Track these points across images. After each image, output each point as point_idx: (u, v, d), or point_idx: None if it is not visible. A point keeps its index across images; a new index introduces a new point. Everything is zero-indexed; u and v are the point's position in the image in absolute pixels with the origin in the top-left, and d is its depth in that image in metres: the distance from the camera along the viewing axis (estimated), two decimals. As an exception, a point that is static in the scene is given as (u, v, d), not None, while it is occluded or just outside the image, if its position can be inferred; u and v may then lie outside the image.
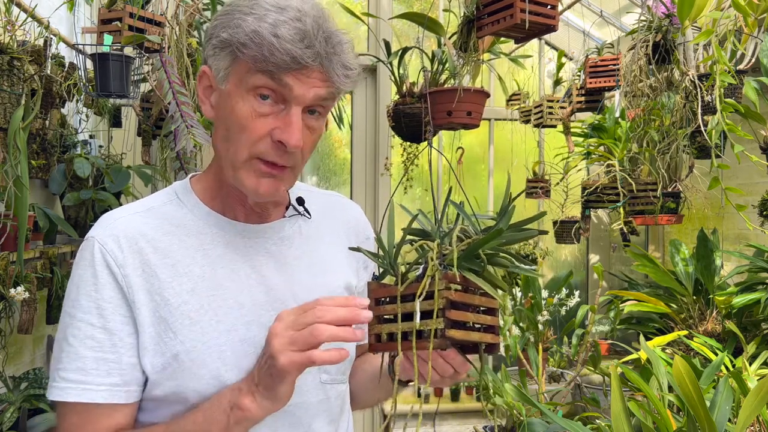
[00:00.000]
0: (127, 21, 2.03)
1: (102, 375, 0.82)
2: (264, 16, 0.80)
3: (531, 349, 2.82)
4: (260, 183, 0.85)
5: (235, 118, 0.83)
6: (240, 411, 0.79)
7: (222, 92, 0.85)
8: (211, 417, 0.81)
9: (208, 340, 0.85)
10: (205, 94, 0.89)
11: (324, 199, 1.06)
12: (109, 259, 0.84)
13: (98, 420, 0.83)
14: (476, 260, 0.78)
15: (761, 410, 1.36)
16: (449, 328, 0.74)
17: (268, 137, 0.83)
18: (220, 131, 0.87)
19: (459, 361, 0.83)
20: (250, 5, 0.82)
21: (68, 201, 2.35)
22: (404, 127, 2.44)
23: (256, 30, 0.79)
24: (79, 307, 0.84)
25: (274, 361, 0.76)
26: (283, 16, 0.80)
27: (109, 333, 0.83)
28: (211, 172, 0.94)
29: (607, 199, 2.63)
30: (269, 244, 0.94)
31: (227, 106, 0.84)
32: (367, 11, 3.50)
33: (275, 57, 0.78)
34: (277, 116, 0.83)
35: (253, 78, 0.81)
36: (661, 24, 2.39)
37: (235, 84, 0.83)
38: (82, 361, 0.82)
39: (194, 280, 0.87)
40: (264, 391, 0.79)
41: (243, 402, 0.79)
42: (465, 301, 0.78)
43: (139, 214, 0.90)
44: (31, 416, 1.92)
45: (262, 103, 0.82)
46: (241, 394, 0.80)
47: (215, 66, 0.84)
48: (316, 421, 0.93)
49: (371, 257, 0.85)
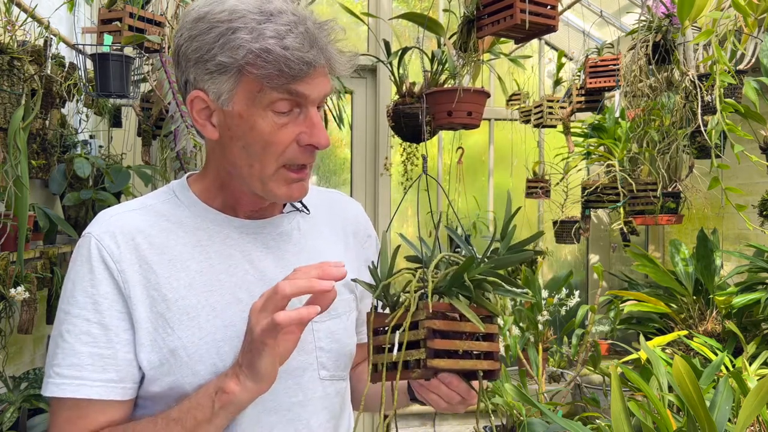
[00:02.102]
0: (127, 21, 2.03)
1: (97, 371, 0.82)
2: (260, 30, 0.78)
3: (531, 349, 2.82)
4: (292, 189, 0.87)
5: (257, 136, 0.82)
6: (224, 394, 0.79)
7: (228, 113, 0.83)
8: (196, 403, 0.81)
9: (205, 335, 0.85)
10: (201, 116, 0.86)
11: (323, 196, 1.06)
12: (105, 254, 0.84)
13: (92, 416, 0.83)
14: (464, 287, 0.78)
15: (761, 410, 1.36)
16: (431, 357, 0.74)
17: (294, 143, 0.84)
18: (234, 149, 0.85)
19: (464, 389, 0.84)
20: (229, 17, 0.79)
21: (68, 201, 2.35)
22: (404, 127, 2.44)
23: (264, 48, 0.77)
24: (75, 302, 0.84)
25: (251, 333, 0.76)
26: (278, 23, 0.79)
27: (105, 328, 0.83)
28: (209, 176, 0.93)
29: (607, 199, 2.64)
30: (268, 239, 0.93)
31: (242, 126, 0.83)
32: (367, 11, 3.50)
33: (292, 69, 0.78)
34: (295, 121, 0.83)
35: (269, 95, 0.80)
36: (661, 24, 2.39)
37: (245, 104, 0.82)
38: (77, 357, 0.82)
39: (191, 275, 0.87)
40: (247, 370, 0.78)
41: (228, 385, 0.79)
42: (454, 329, 0.77)
43: (135, 211, 0.90)
44: (31, 416, 1.92)
45: (281, 116, 0.82)
46: (227, 378, 0.80)
47: (214, 90, 0.82)
48: (315, 417, 0.93)
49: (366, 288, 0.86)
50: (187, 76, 0.85)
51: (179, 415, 0.81)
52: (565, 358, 3.23)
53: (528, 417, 2.06)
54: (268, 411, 0.88)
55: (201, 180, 0.94)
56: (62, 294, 0.87)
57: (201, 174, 0.95)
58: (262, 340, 0.75)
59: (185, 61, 0.84)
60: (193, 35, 0.82)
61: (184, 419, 0.80)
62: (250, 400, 0.80)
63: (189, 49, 0.83)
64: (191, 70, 0.84)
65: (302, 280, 0.75)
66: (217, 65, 0.80)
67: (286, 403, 0.90)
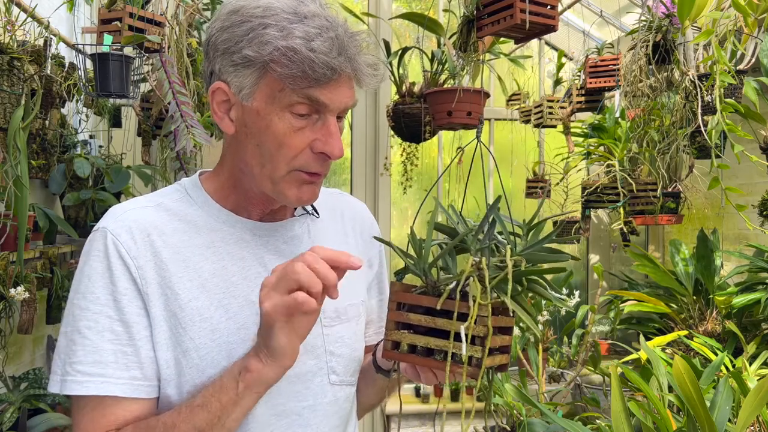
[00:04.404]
0: (127, 21, 2.03)
1: (121, 368, 0.81)
2: (291, 29, 0.78)
3: (531, 349, 2.82)
4: (302, 192, 0.86)
5: (271, 135, 0.82)
6: (249, 373, 0.77)
7: (247, 108, 0.83)
8: (220, 386, 0.79)
9: (218, 337, 0.84)
10: (221, 109, 0.86)
11: (331, 198, 1.05)
12: (122, 250, 0.83)
13: (116, 413, 0.81)
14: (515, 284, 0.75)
15: (761, 410, 1.36)
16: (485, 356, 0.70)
17: (308, 149, 0.83)
18: (248, 147, 0.85)
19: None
20: (263, 14, 0.79)
21: (68, 201, 2.35)
22: (404, 127, 2.44)
23: (290, 46, 0.77)
24: (94, 299, 0.82)
25: (262, 309, 0.75)
26: (309, 26, 0.78)
27: (127, 326, 0.82)
28: (223, 174, 0.92)
29: (607, 199, 2.64)
30: (279, 242, 0.93)
31: (259, 123, 0.82)
32: (367, 11, 3.50)
33: (315, 72, 0.77)
34: (312, 127, 0.83)
35: (289, 96, 0.80)
36: (661, 24, 2.39)
37: (265, 101, 0.81)
38: (99, 354, 0.80)
39: (204, 276, 0.86)
40: (265, 348, 0.77)
41: (251, 363, 0.78)
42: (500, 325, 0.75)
43: (148, 208, 0.89)
44: (31, 416, 1.92)
45: (299, 119, 0.81)
46: (249, 358, 0.79)
47: (236, 83, 0.82)
48: (325, 422, 0.92)
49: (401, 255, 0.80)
50: (213, 67, 0.85)
51: (203, 400, 0.79)
52: (565, 358, 3.23)
53: (528, 417, 2.06)
54: (278, 415, 0.87)
55: (215, 178, 0.93)
56: (74, 290, 0.84)
57: (215, 172, 0.94)
58: (271, 315, 0.74)
59: (213, 51, 0.84)
60: (225, 26, 0.82)
61: (209, 404, 0.78)
62: (277, 377, 0.78)
63: (219, 39, 0.83)
64: (218, 60, 0.84)
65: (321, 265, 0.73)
66: (242, 58, 0.80)
67: (296, 407, 0.89)
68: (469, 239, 0.78)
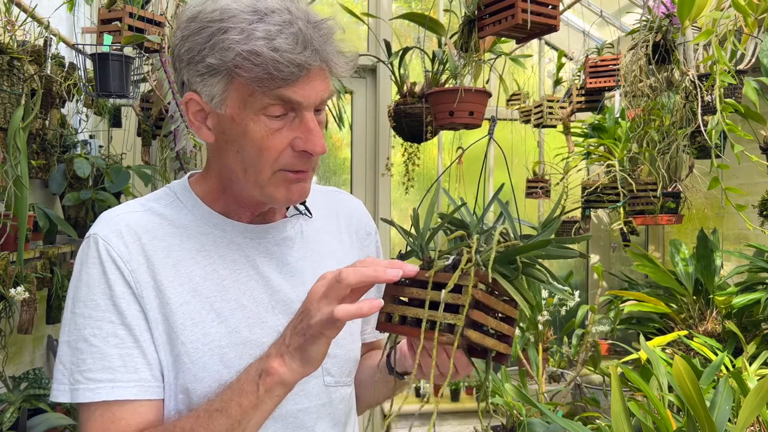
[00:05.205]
0: (126, 21, 2.03)
1: (130, 371, 0.80)
2: (251, 31, 0.75)
3: (531, 349, 2.82)
4: (291, 191, 0.84)
5: (250, 140, 0.80)
6: (269, 376, 0.75)
7: (222, 116, 0.82)
8: (239, 389, 0.77)
9: (209, 341, 0.84)
10: (197, 118, 0.84)
11: (326, 197, 1.04)
12: (114, 255, 0.83)
13: (127, 417, 0.81)
14: (510, 266, 0.75)
15: (761, 410, 1.36)
16: (468, 327, 0.71)
17: (289, 149, 0.81)
18: (229, 153, 0.83)
19: (464, 363, 0.82)
20: (221, 17, 0.77)
21: (68, 201, 2.35)
22: (405, 127, 2.44)
23: (252, 50, 0.74)
24: (95, 306, 0.82)
25: (308, 319, 0.73)
26: (270, 23, 0.76)
27: (129, 329, 0.81)
28: (212, 179, 0.91)
29: (607, 199, 2.64)
30: (271, 245, 0.92)
31: (235, 129, 0.81)
32: (367, 11, 3.50)
33: (282, 72, 0.75)
34: (290, 126, 0.81)
35: (260, 99, 0.78)
36: (661, 24, 2.39)
37: (238, 107, 0.79)
38: (108, 360, 0.80)
39: (195, 280, 0.85)
40: (295, 352, 0.75)
41: (272, 366, 0.75)
42: (488, 304, 0.75)
43: (139, 212, 0.88)
44: (31, 416, 1.92)
45: (275, 120, 0.79)
46: (270, 359, 0.76)
47: (206, 92, 0.80)
48: (319, 424, 0.92)
49: (402, 233, 0.80)
50: (183, 78, 0.84)
51: (221, 405, 0.77)
52: (565, 358, 3.23)
53: (528, 417, 2.06)
54: (273, 418, 0.86)
55: (203, 181, 0.92)
56: (73, 298, 0.84)
57: (203, 175, 0.93)
58: (319, 330, 0.72)
59: (179, 62, 0.83)
60: (186, 35, 0.80)
61: (228, 408, 0.77)
62: (296, 381, 0.76)
63: (182, 49, 0.81)
64: (185, 71, 0.82)
65: (369, 268, 0.71)
66: (207, 67, 0.78)
67: (291, 410, 0.88)
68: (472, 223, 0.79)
